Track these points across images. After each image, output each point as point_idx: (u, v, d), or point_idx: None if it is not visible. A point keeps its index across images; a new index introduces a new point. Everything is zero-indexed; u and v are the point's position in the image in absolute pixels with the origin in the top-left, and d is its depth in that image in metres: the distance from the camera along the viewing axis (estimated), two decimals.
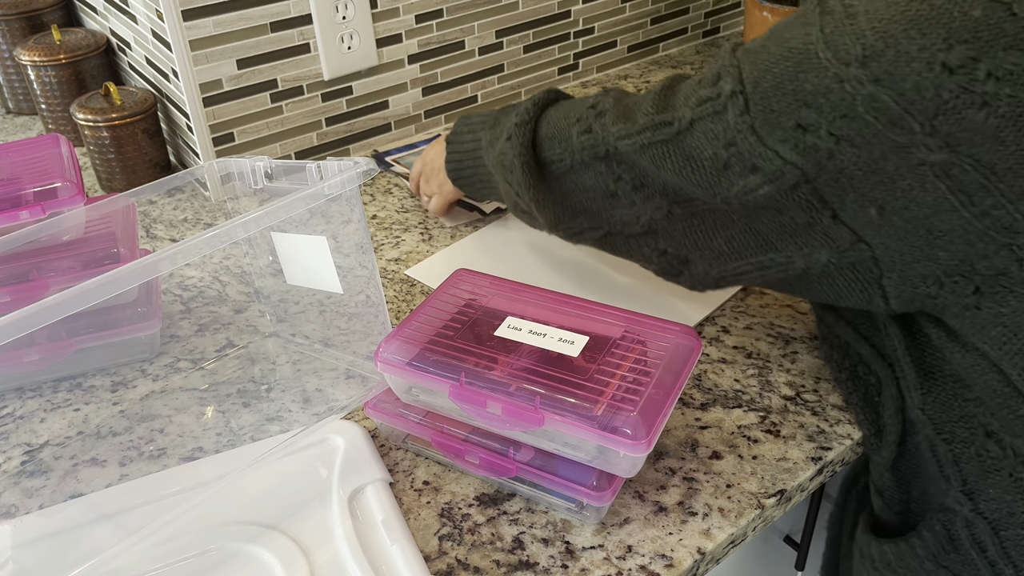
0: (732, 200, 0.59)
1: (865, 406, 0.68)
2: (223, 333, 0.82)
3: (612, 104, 0.68)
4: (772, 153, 0.55)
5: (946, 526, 0.61)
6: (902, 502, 0.66)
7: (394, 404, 0.66)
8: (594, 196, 0.70)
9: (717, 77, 0.59)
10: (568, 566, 0.59)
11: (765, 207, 0.58)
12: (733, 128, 0.57)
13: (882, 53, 0.50)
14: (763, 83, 0.56)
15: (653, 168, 0.63)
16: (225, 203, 0.77)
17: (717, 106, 0.58)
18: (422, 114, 1.17)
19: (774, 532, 0.86)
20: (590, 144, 0.68)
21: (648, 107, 0.64)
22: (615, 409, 0.56)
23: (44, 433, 0.71)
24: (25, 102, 1.25)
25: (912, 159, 0.51)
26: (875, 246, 0.56)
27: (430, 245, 0.94)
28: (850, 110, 0.52)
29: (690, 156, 0.60)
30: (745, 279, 0.65)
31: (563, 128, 0.71)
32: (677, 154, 0.61)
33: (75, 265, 0.74)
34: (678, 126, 0.61)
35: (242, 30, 0.96)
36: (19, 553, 0.59)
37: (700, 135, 0.59)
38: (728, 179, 0.59)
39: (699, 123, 0.59)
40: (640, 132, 0.64)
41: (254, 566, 0.59)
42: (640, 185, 0.66)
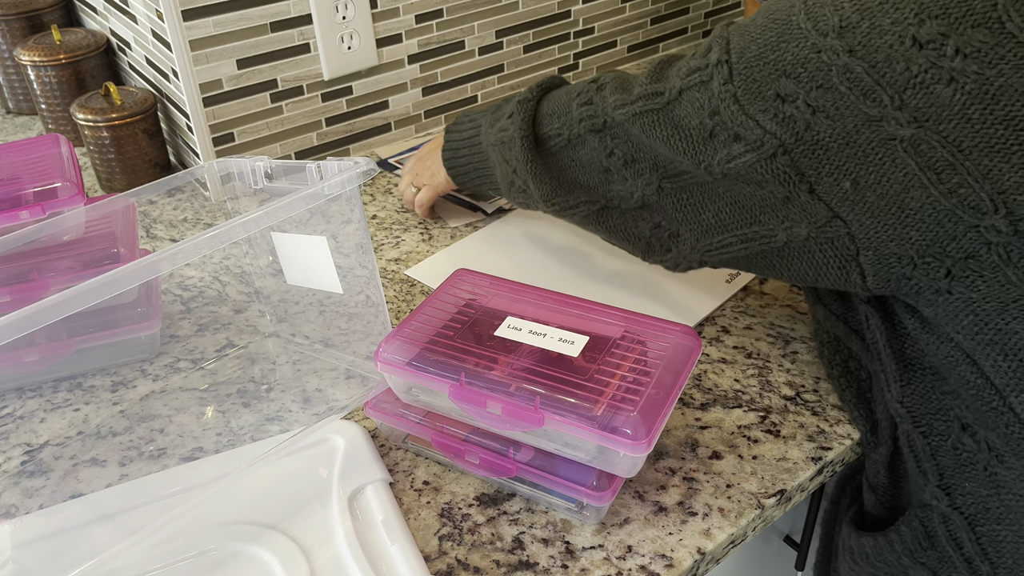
0: (715, 169, 0.61)
1: (859, 403, 0.68)
2: (223, 333, 0.82)
3: (613, 78, 0.70)
4: (753, 122, 0.57)
5: (923, 522, 0.61)
6: (894, 498, 0.66)
7: (394, 404, 0.66)
8: (590, 171, 0.72)
9: (708, 49, 0.61)
10: (568, 566, 0.59)
11: (747, 179, 0.60)
12: (717, 97, 0.59)
13: (857, 25, 0.52)
14: (747, 53, 0.57)
15: (644, 138, 0.65)
16: (225, 203, 0.77)
17: (704, 76, 0.60)
18: (422, 114, 1.17)
19: (774, 532, 0.86)
20: (588, 115, 0.70)
21: (643, 78, 0.66)
22: (615, 409, 0.56)
23: (44, 433, 0.71)
24: (25, 102, 1.25)
25: (883, 132, 0.52)
26: (850, 222, 0.57)
27: (430, 245, 0.94)
28: (826, 80, 0.53)
29: (678, 125, 0.62)
30: (730, 252, 0.66)
31: (564, 104, 0.73)
32: (666, 123, 0.63)
33: (75, 265, 0.74)
34: (668, 95, 0.63)
35: (242, 30, 0.96)
36: (19, 553, 0.59)
37: (688, 104, 0.61)
38: (712, 147, 0.60)
39: (687, 92, 0.61)
40: (634, 101, 0.66)
41: (254, 566, 0.59)
42: (631, 160, 0.68)
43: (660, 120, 0.64)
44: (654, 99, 0.64)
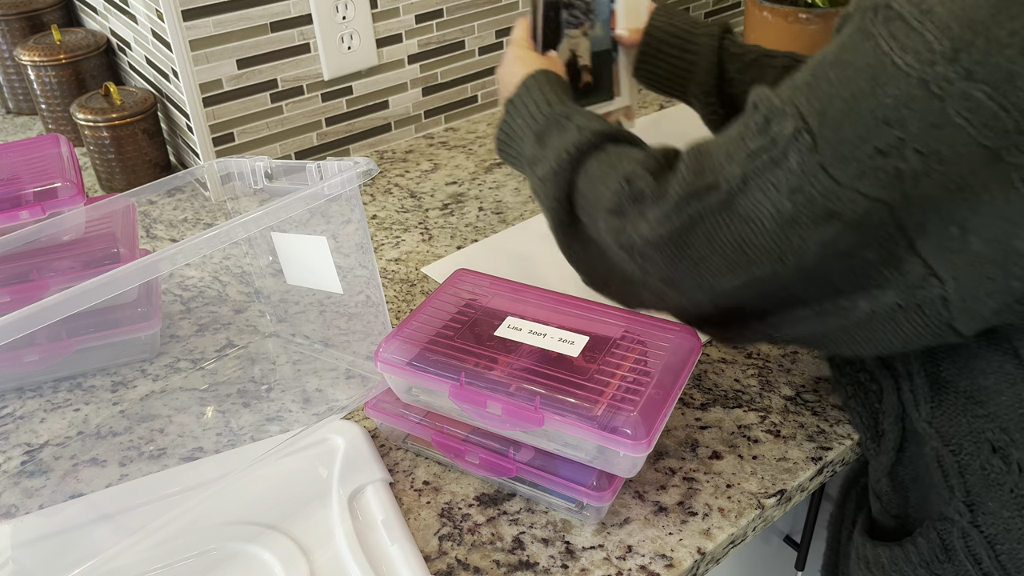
0: (807, 259, 0.52)
1: (864, 411, 0.67)
2: (223, 333, 0.82)
3: (651, 185, 0.59)
4: (851, 192, 0.49)
5: (942, 535, 0.60)
6: (899, 507, 0.66)
7: (394, 404, 0.66)
8: (627, 276, 0.63)
9: (766, 123, 0.52)
10: (568, 566, 0.59)
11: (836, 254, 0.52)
12: (798, 172, 0.50)
13: (971, 44, 0.45)
14: (830, 112, 0.49)
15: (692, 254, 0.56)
16: (225, 203, 0.77)
17: (775, 154, 0.51)
18: (422, 114, 1.17)
19: (774, 532, 0.86)
20: (615, 228, 0.61)
21: (683, 174, 0.56)
22: (615, 409, 0.56)
23: (44, 433, 0.71)
24: (25, 102, 1.25)
25: (1002, 166, 0.46)
26: (946, 280, 0.50)
27: (430, 245, 0.94)
28: (939, 117, 0.46)
29: (748, 219, 0.53)
30: (803, 328, 0.58)
31: (597, 197, 0.64)
32: (731, 223, 0.53)
33: (75, 265, 0.74)
34: (727, 187, 0.53)
35: (242, 30, 0.96)
36: (19, 553, 0.59)
37: (757, 191, 0.52)
38: (798, 235, 0.51)
39: (754, 178, 0.52)
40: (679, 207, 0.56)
41: (254, 566, 0.59)
42: (672, 281, 0.59)
43: (720, 222, 0.54)
44: (706, 197, 0.54)
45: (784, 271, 0.54)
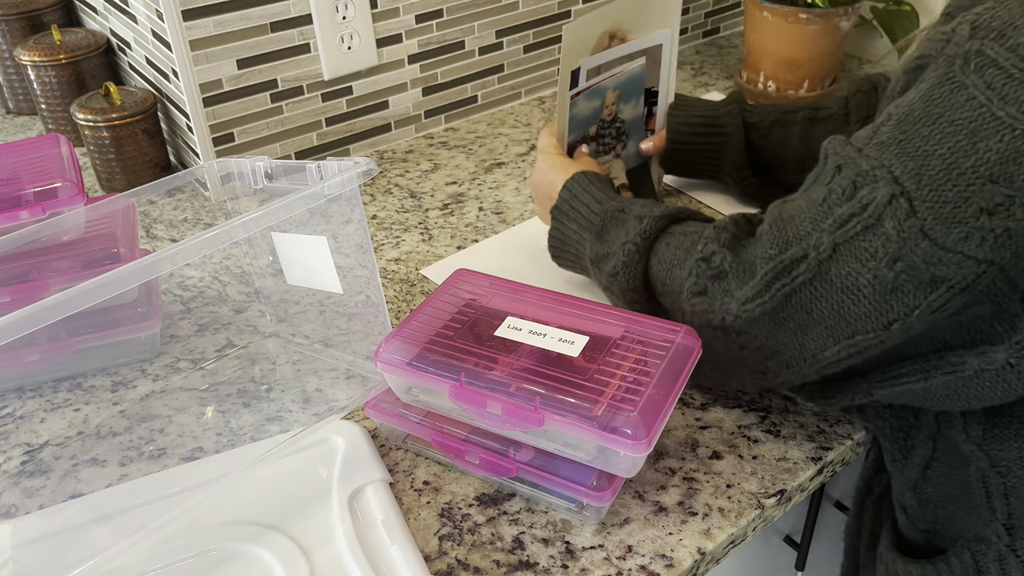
0: (912, 325, 0.50)
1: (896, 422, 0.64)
2: (223, 333, 0.82)
3: (731, 261, 0.58)
4: (956, 256, 0.47)
5: (976, 556, 0.59)
6: (927, 522, 0.64)
7: (394, 404, 0.66)
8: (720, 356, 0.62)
9: (853, 187, 0.50)
10: (568, 566, 0.59)
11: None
12: (896, 240, 0.48)
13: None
14: (927, 172, 0.47)
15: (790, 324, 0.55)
16: (225, 203, 0.77)
17: (867, 220, 0.49)
18: (422, 114, 1.17)
19: (774, 532, 0.86)
20: (702, 309, 0.59)
21: (767, 248, 0.54)
22: (615, 409, 0.56)
23: (44, 433, 0.71)
24: (25, 102, 1.25)
25: None
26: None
27: (430, 245, 0.94)
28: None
29: (844, 288, 0.51)
30: (906, 384, 0.56)
31: (676, 282, 0.63)
32: (823, 293, 0.52)
33: (75, 265, 0.74)
34: (816, 257, 0.51)
35: (242, 30, 0.96)
36: (19, 553, 0.59)
37: (850, 259, 0.50)
38: (901, 302, 0.49)
39: (845, 246, 0.50)
40: (769, 284, 0.54)
41: (254, 566, 0.59)
42: (772, 353, 0.57)
43: (814, 292, 0.52)
44: (795, 270, 0.52)
45: (889, 337, 0.52)
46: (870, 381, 0.57)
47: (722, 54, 1.39)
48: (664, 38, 0.93)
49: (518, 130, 1.18)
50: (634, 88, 0.93)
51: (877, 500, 0.72)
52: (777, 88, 1.21)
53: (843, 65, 1.33)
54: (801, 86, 1.20)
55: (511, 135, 1.17)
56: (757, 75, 1.22)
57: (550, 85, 1.28)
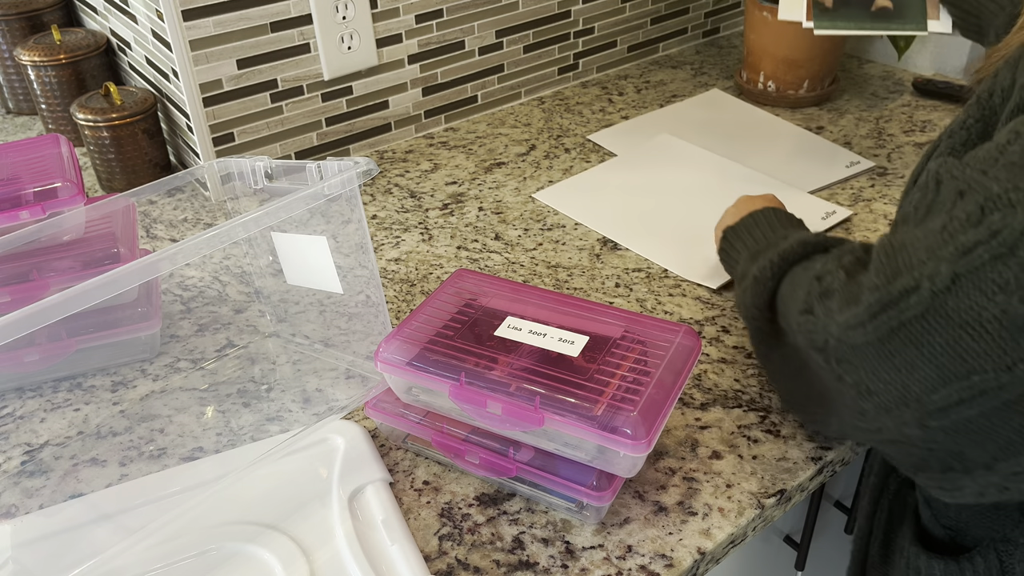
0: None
1: None
2: (223, 333, 0.82)
3: (842, 282, 0.54)
4: None
5: (1001, 557, 0.58)
6: (952, 518, 0.63)
7: (394, 404, 0.66)
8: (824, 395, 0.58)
9: (981, 212, 0.45)
10: (568, 566, 0.59)
11: None
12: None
13: None
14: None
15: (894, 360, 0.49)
16: (225, 203, 0.77)
17: (997, 248, 0.44)
18: (422, 114, 1.17)
19: (774, 532, 0.86)
20: (807, 329, 0.55)
21: (874, 278, 0.50)
22: (615, 409, 0.56)
23: (44, 433, 0.71)
24: (25, 102, 1.25)
25: None
26: None
27: (430, 245, 0.94)
28: None
29: (963, 323, 0.46)
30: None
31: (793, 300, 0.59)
32: (939, 325, 0.46)
33: (75, 265, 0.74)
34: (930, 288, 0.46)
35: (242, 30, 0.96)
36: (19, 553, 0.59)
37: (973, 291, 0.45)
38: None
39: (968, 277, 0.45)
40: (875, 315, 0.49)
41: (254, 566, 0.59)
42: (869, 392, 0.52)
43: (926, 327, 0.47)
44: (905, 301, 0.47)
45: (1013, 383, 0.46)
46: (999, 473, 0.51)
47: (722, 54, 1.39)
48: None
49: (518, 130, 1.18)
50: None
51: (892, 497, 0.70)
52: (777, 88, 1.21)
53: (843, 65, 1.33)
54: (801, 86, 1.20)
55: (511, 135, 1.17)
56: (757, 75, 1.22)
57: (550, 85, 1.28)
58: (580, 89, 1.29)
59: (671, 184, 1.03)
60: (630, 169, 1.07)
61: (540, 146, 1.14)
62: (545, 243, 0.94)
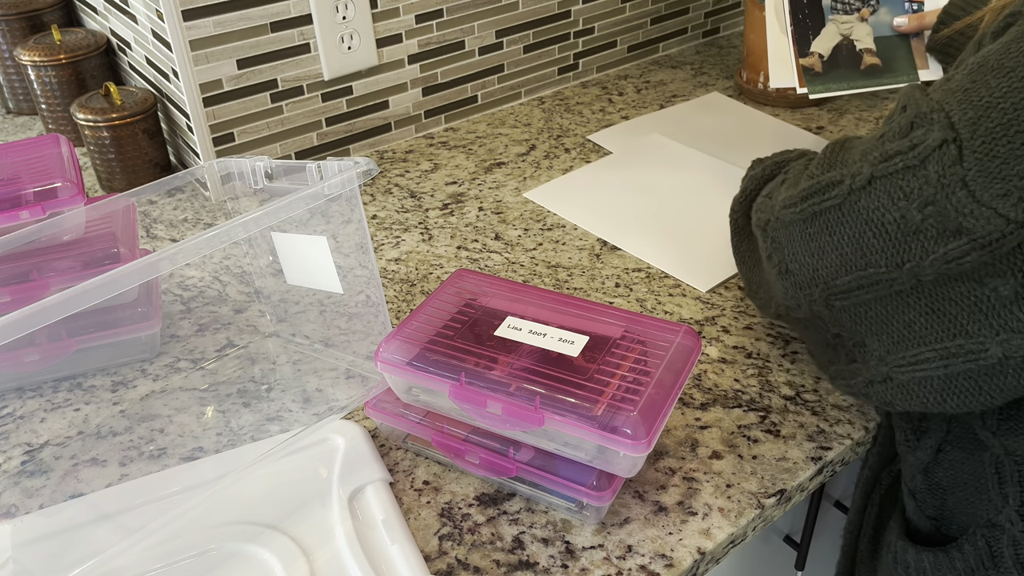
0: (924, 270, 0.50)
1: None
2: (223, 333, 0.82)
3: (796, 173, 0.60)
4: (988, 211, 0.46)
5: (989, 542, 0.59)
6: (936, 508, 0.64)
7: (394, 404, 0.66)
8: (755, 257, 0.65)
9: (909, 127, 0.50)
10: (568, 566, 0.59)
11: (961, 278, 0.49)
12: (935, 183, 0.47)
13: None
14: (985, 123, 0.46)
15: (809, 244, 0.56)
16: (225, 203, 0.77)
17: (911, 159, 0.49)
18: (422, 114, 1.17)
19: (774, 532, 0.86)
20: (759, 209, 0.62)
21: (814, 168, 0.56)
22: (615, 409, 0.56)
23: (44, 433, 0.71)
24: (25, 102, 1.25)
25: None
26: None
27: (430, 245, 0.94)
28: None
29: (868, 220, 0.51)
30: (924, 370, 0.55)
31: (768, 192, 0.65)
32: (848, 219, 0.52)
33: (75, 265, 0.74)
34: (850, 184, 0.52)
35: (242, 30, 0.96)
36: (19, 553, 0.59)
37: (882, 194, 0.50)
38: (919, 246, 0.49)
39: (882, 181, 0.50)
40: (804, 198, 0.55)
41: (254, 566, 0.59)
42: (786, 271, 0.59)
43: (839, 218, 0.53)
44: (828, 192, 0.53)
45: (900, 278, 0.51)
46: (888, 364, 0.57)
47: (722, 54, 1.39)
48: None
49: (518, 130, 1.18)
50: None
51: (884, 493, 0.71)
52: (777, 88, 1.21)
53: None
54: None
55: (511, 135, 1.17)
56: (757, 75, 1.22)
57: (550, 85, 1.28)
58: (580, 89, 1.29)
59: (662, 184, 1.03)
60: (622, 168, 1.07)
61: (540, 146, 1.14)
62: (545, 243, 0.94)
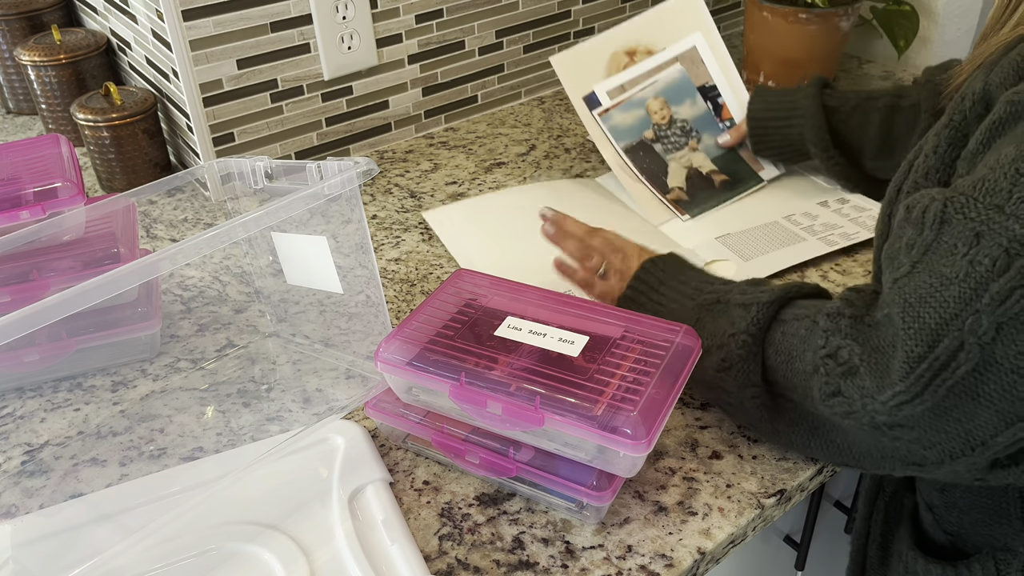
0: None
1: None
2: (223, 333, 0.82)
3: (861, 354, 0.51)
4: None
5: (999, 565, 0.59)
6: (954, 525, 0.63)
7: (394, 404, 0.66)
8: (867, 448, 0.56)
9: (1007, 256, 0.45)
10: (568, 566, 0.59)
11: None
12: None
13: None
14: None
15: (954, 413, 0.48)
16: (225, 203, 0.77)
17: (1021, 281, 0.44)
18: (422, 114, 1.17)
19: (774, 532, 0.86)
20: (843, 411, 0.52)
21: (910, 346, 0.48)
22: (615, 409, 0.56)
23: (44, 433, 0.71)
24: (25, 102, 1.25)
25: None
26: None
27: (430, 245, 0.94)
28: None
29: (1015, 369, 0.46)
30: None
31: (798, 376, 0.56)
32: (991, 376, 0.46)
33: (75, 265, 0.74)
34: (977, 343, 0.46)
35: (242, 30, 0.96)
36: (19, 553, 0.59)
37: (1018, 337, 0.45)
38: None
39: (1011, 324, 0.45)
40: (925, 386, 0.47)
41: (254, 566, 0.59)
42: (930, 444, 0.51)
43: (979, 380, 0.46)
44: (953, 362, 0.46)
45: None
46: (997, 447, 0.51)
47: None
48: (694, 40, 0.98)
49: (518, 130, 1.18)
50: (680, 91, 0.98)
51: (888, 500, 0.71)
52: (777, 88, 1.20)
53: (843, 65, 1.33)
54: None
55: (511, 135, 1.17)
56: (757, 75, 1.22)
57: (550, 85, 1.28)
58: None
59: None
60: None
61: (540, 146, 1.14)
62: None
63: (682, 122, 0.98)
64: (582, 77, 0.99)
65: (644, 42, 1.00)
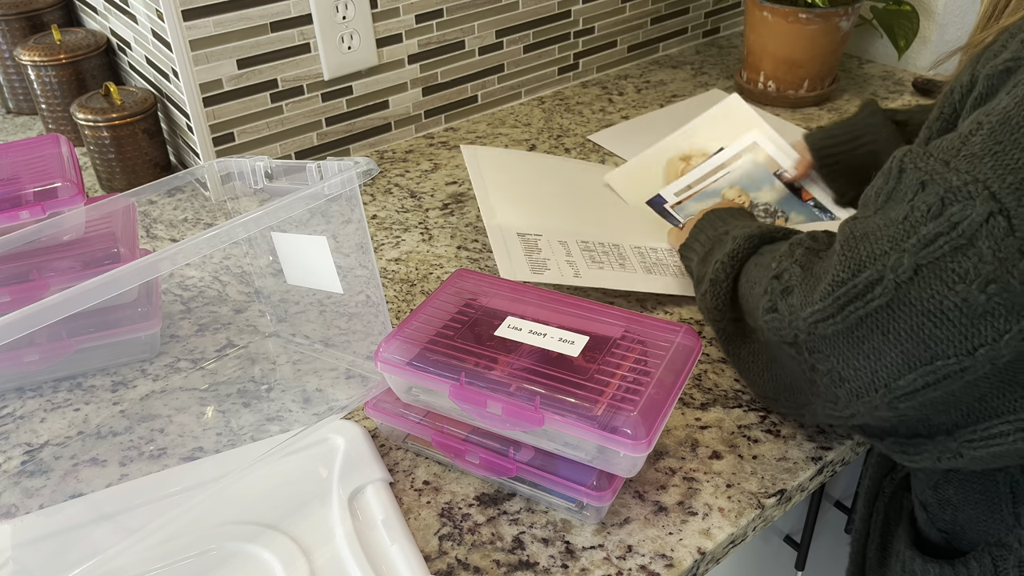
0: (1000, 352, 0.46)
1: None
2: (223, 333, 0.82)
3: (800, 276, 0.55)
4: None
5: (996, 561, 0.59)
6: (948, 522, 0.63)
7: (394, 404, 0.66)
8: (795, 386, 0.59)
9: (942, 204, 0.46)
10: (568, 566, 0.59)
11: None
12: (992, 259, 0.44)
13: None
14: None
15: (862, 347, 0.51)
16: (225, 203, 0.77)
17: (956, 240, 0.46)
18: (422, 114, 1.17)
19: (774, 532, 0.86)
20: (775, 327, 0.56)
21: (837, 269, 0.51)
22: (615, 409, 0.56)
23: (44, 433, 0.71)
24: (25, 102, 1.25)
25: None
26: None
27: (430, 245, 0.94)
28: None
29: (925, 311, 0.47)
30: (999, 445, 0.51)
31: (756, 300, 0.60)
32: (903, 314, 0.48)
33: (75, 265, 0.74)
34: (893, 279, 0.48)
35: (242, 30, 0.96)
36: (19, 553, 0.59)
37: (934, 281, 0.47)
38: (991, 327, 0.46)
39: (929, 268, 0.47)
40: (841, 307, 0.51)
41: (254, 566, 0.59)
42: (841, 379, 0.53)
43: (891, 316, 0.48)
44: (870, 293, 0.49)
45: (974, 365, 0.47)
46: (958, 439, 0.53)
47: (722, 54, 1.39)
48: (753, 137, 0.99)
49: (518, 130, 1.18)
50: (756, 179, 0.98)
51: (888, 501, 0.71)
52: (777, 88, 1.21)
53: (843, 65, 1.33)
54: (801, 86, 1.20)
55: (511, 135, 1.17)
56: (757, 75, 1.22)
57: (550, 85, 1.28)
58: (580, 89, 1.29)
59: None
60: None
61: (540, 146, 1.14)
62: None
63: (764, 205, 0.96)
64: (641, 186, 1.00)
65: (697, 147, 1.01)
